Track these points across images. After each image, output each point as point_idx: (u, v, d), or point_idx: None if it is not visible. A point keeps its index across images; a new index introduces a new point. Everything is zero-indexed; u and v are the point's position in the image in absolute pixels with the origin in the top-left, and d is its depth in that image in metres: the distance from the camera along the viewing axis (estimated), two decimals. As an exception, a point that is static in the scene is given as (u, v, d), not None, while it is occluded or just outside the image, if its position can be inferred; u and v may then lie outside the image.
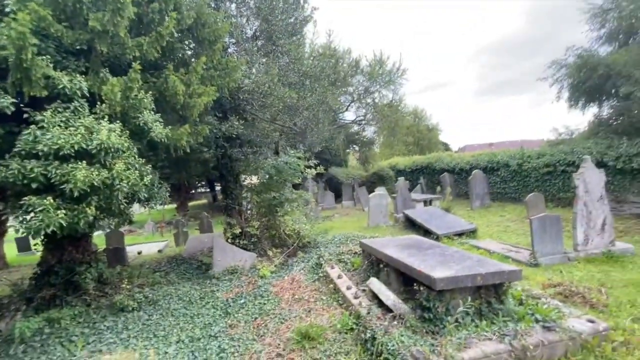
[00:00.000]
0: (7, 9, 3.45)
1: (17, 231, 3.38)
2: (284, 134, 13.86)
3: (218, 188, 25.57)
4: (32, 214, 3.23)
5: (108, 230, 8.10)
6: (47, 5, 3.46)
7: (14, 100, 3.30)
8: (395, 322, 3.50)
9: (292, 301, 5.16)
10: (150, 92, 4.16)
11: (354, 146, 25.75)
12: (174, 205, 20.84)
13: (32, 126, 3.43)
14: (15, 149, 3.45)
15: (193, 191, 26.92)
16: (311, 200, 10.40)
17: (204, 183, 26.18)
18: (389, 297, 3.95)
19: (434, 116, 76.47)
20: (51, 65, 3.45)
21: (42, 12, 3.22)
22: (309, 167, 7.96)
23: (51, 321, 4.75)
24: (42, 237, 5.19)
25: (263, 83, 6.91)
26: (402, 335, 3.23)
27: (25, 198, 3.28)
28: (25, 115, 3.63)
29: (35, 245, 5.66)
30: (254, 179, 9.23)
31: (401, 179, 12.04)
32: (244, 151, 8.58)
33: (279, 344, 3.99)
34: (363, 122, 21.45)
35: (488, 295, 3.60)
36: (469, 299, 3.40)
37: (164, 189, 5.61)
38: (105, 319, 5.05)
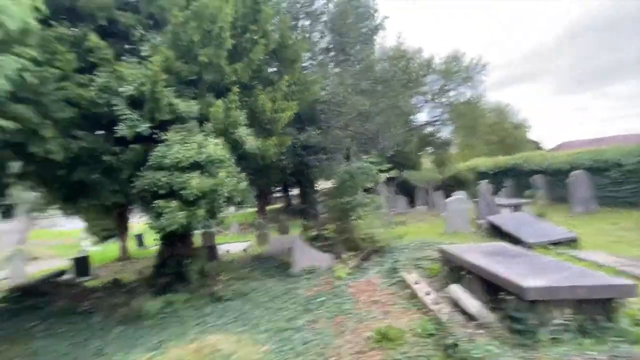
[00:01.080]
0: (143, 53, 4.45)
1: (152, 228, 4.27)
2: (355, 140, 14.12)
3: (292, 193, 27.10)
4: (161, 215, 4.07)
5: (204, 230, 9.38)
6: (170, 47, 4.36)
7: (149, 124, 4.23)
8: (481, 331, 3.38)
9: (369, 302, 5.27)
10: (244, 110, 4.87)
11: (428, 148, 24.59)
12: (255, 209, 22.67)
13: (161, 144, 4.35)
14: (148, 163, 4.40)
15: (270, 196, 29.03)
16: (383, 205, 10.36)
17: (279, 188, 27.98)
18: (472, 304, 3.82)
19: (522, 112, 68.20)
20: (173, 95, 4.34)
21: (169, 54, 4.10)
22: (382, 171, 8.02)
23: (169, 303, 5.77)
24: (160, 235, 6.34)
25: (337, 93, 7.26)
26: (488, 345, 3.12)
27: (155, 202, 4.17)
28: (154, 136, 4.60)
29: (155, 240, 6.93)
30: (328, 184, 9.66)
31: (484, 181, 11.17)
32: (319, 158, 9.08)
33: (358, 342, 4.15)
34: (438, 122, 20.45)
35: (593, 311, 3.22)
36: (568, 313, 3.10)
37: (252, 193, 6.36)
38: (207, 306, 5.90)
